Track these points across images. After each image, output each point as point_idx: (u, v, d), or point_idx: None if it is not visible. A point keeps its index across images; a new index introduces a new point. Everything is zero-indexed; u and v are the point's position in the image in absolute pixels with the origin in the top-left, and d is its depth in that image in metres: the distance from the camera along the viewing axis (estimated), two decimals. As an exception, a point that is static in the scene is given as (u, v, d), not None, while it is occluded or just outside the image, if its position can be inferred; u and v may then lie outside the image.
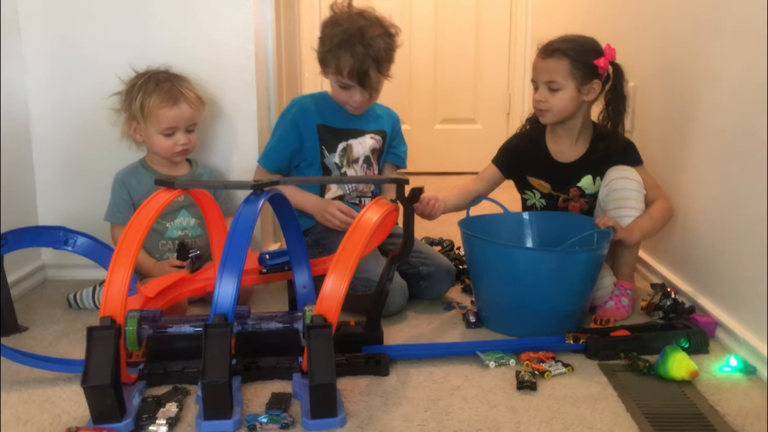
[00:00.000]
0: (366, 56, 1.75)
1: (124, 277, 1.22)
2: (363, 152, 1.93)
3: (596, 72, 1.74)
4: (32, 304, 1.81)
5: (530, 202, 1.90)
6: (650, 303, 1.72)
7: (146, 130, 1.79)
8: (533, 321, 1.59)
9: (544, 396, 1.32)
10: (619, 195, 1.73)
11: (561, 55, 1.73)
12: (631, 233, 1.70)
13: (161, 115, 1.77)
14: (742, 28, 1.50)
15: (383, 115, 2.01)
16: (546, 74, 1.75)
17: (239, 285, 1.25)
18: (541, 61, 1.77)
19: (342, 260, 1.30)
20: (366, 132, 1.94)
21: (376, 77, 1.81)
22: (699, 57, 1.71)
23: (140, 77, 1.81)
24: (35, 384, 1.37)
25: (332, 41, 1.78)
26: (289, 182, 1.72)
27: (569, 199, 1.84)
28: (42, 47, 1.92)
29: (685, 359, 1.37)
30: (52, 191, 2.00)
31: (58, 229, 1.64)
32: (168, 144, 1.80)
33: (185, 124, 1.80)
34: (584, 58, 1.73)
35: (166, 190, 1.37)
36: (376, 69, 1.78)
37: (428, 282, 1.80)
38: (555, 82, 1.74)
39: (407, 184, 1.49)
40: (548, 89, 1.76)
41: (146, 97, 1.76)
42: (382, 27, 1.80)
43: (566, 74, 1.73)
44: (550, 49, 1.75)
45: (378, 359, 1.42)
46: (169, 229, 1.83)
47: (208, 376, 1.16)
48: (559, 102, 1.76)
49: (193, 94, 1.82)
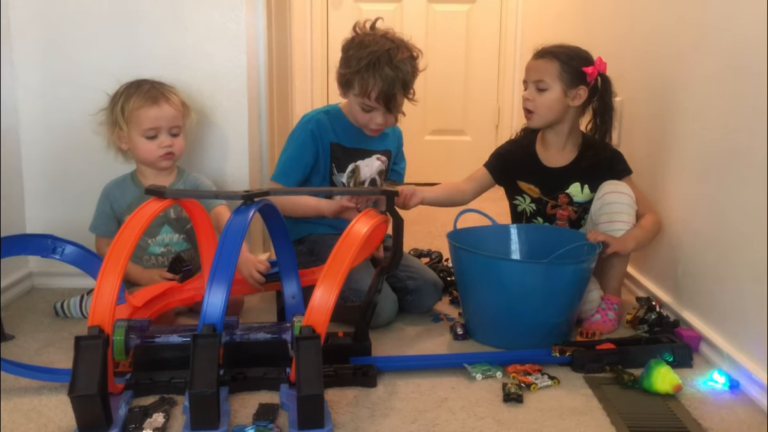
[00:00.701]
0: (395, 79, 1.74)
1: (113, 286, 1.22)
2: (370, 174, 1.93)
3: (584, 79, 1.78)
4: (19, 313, 1.80)
5: (520, 207, 1.92)
6: (635, 317, 1.74)
7: (129, 134, 1.77)
8: (520, 333, 1.60)
9: (531, 408, 1.33)
10: (612, 209, 1.75)
11: (552, 57, 1.79)
12: (625, 243, 1.72)
13: (142, 116, 1.75)
14: (727, 44, 1.53)
15: (390, 133, 2.00)
16: (535, 73, 1.81)
17: (228, 295, 1.25)
18: (532, 61, 1.83)
19: (331, 271, 1.31)
20: (374, 152, 1.94)
21: (401, 99, 1.81)
22: (685, 72, 1.74)
23: (123, 86, 1.80)
24: (21, 393, 1.36)
25: (359, 63, 1.75)
26: (280, 193, 1.72)
27: (558, 205, 1.86)
28: (32, 55, 1.92)
29: (669, 373, 1.38)
30: (40, 199, 1.99)
31: (46, 237, 1.63)
32: (151, 147, 1.77)
33: (167, 124, 1.77)
34: (574, 63, 1.78)
35: (157, 199, 1.37)
36: (402, 92, 1.79)
37: (415, 296, 1.81)
38: (543, 81, 1.79)
39: (397, 197, 1.50)
40: (536, 89, 1.81)
41: (127, 100, 1.75)
42: (408, 50, 1.80)
43: (555, 76, 1.78)
44: (543, 51, 1.82)
45: (366, 370, 1.43)
46: (151, 245, 1.82)
47: (196, 386, 1.16)
48: (544, 102, 1.80)
49: (176, 97, 1.80)
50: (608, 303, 1.75)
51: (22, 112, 1.94)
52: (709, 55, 1.61)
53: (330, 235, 1.86)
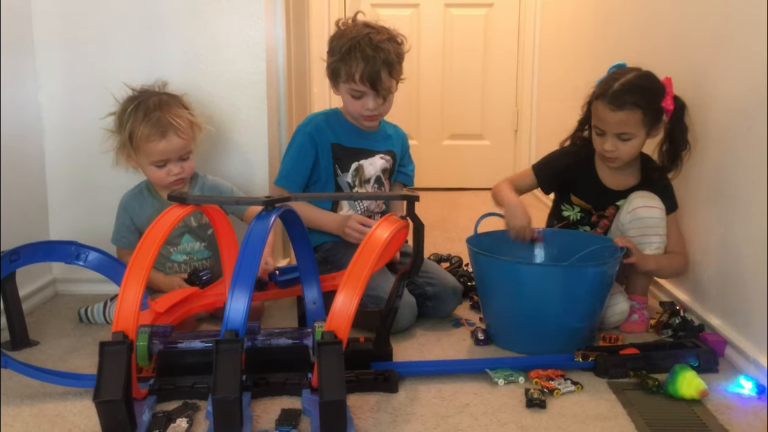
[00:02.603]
0: (376, 58, 1.78)
1: (137, 292, 1.23)
2: (374, 172, 1.94)
3: (662, 112, 1.73)
4: (43, 319, 1.82)
5: (566, 213, 1.91)
6: (659, 321, 1.72)
7: (138, 159, 1.76)
8: (541, 338, 1.59)
9: (554, 414, 1.32)
10: (645, 223, 1.73)
11: (633, 107, 1.69)
12: (645, 260, 1.71)
13: (149, 149, 1.72)
14: (749, 48, 1.51)
15: (393, 135, 2.02)
16: (618, 126, 1.72)
17: (250, 301, 1.26)
18: (611, 114, 1.71)
19: (353, 277, 1.31)
20: (376, 152, 1.96)
21: (387, 80, 1.82)
22: (707, 76, 1.72)
23: (131, 101, 1.75)
24: (46, 398, 1.38)
25: (341, 50, 1.81)
26: (300, 198, 1.73)
27: (604, 216, 1.85)
28: (55, 63, 1.94)
29: (694, 378, 1.37)
30: (63, 206, 2.01)
31: (70, 243, 1.66)
32: (161, 174, 1.76)
33: (176, 155, 1.75)
34: (655, 104, 1.71)
35: (179, 206, 1.38)
36: (387, 72, 1.81)
37: (434, 302, 1.80)
38: (627, 133, 1.72)
39: (417, 201, 1.50)
40: (619, 139, 1.74)
41: (135, 126, 1.71)
42: (389, 33, 1.85)
43: (638, 124, 1.71)
44: (620, 102, 1.69)
45: (387, 376, 1.42)
46: (173, 253, 1.83)
47: (219, 392, 1.16)
48: (630, 150, 1.75)
49: (184, 122, 1.74)
50: (640, 303, 1.75)
51: (46, 120, 1.97)
52: (732, 58, 1.59)
53: (343, 243, 1.87)
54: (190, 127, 1.77)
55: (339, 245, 1.87)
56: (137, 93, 1.78)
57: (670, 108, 1.72)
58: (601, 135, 1.77)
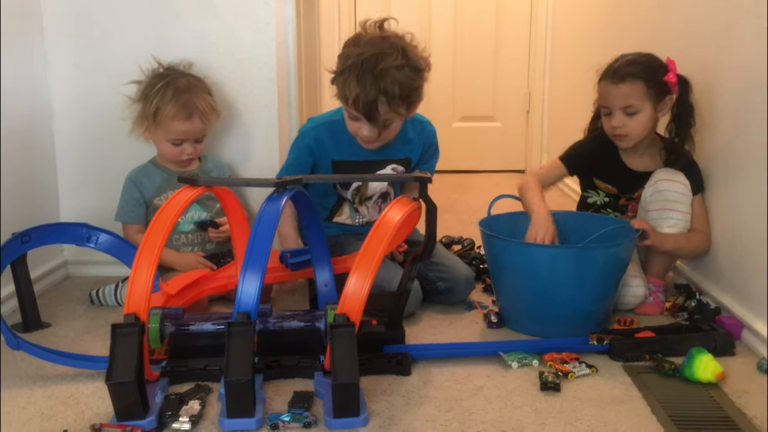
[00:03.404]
0: (373, 87, 1.57)
1: (148, 274, 1.22)
2: (379, 189, 1.85)
3: (667, 88, 1.72)
4: (54, 301, 1.82)
5: (592, 199, 1.89)
6: (674, 304, 1.70)
7: (156, 133, 1.80)
8: (555, 321, 1.57)
9: (568, 397, 1.31)
10: (665, 197, 1.71)
11: (633, 78, 1.71)
12: (662, 240, 1.69)
13: (172, 127, 1.77)
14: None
15: (415, 138, 1.84)
16: (622, 99, 1.72)
17: (262, 283, 1.25)
18: (613, 87, 1.73)
19: (365, 259, 1.30)
20: (388, 162, 1.81)
21: (386, 113, 1.63)
22: (719, 61, 1.69)
23: (161, 78, 1.79)
24: (58, 380, 1.38)
25: (344, 64, 1.62)
26: (312, 180, 1.71)
27: (632, 199, 1.83)
28: (64, 44, 1.92)
29: (711, 361, 1.35)
30: (74, 188, 2.01)
31: (81, 225, 1.65)
32: (174, 152, 1.81)
33: (194, 137, 1.81)
34: (656, 76, 1.71)
35: (190, 187, 1.37)
36: (386, 103, 1.61)
37: (447, 296, 1.77)
38: (632, 106, 1.72)
39: (430, 182, 1.48)
40: (625, 114, 1.73)
41: (162, 104, 1.75)
42: (406, 58, 1.61)
43: (643, 96, 1.71)
44: (621, 74, 1.72)
45: (400, 359, 1.42)
46: (180, 224, 1.84)
47: (232, 374, 1.16)
48: (638, 125, 1.74)
49: (208, 107, 1.80)
50: (656, 286, 1.73)
51: (55, 102, 1.95)
52: (743, 43, 1.56)
53: (344, 236, 1.84)
54: (212, 112, 1.82)
55: (340, 238, 1.83)
56: (165, 71, 1.82)
57: (674, 80, 1.71)
58: (608, 114, 1.77)
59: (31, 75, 1.87)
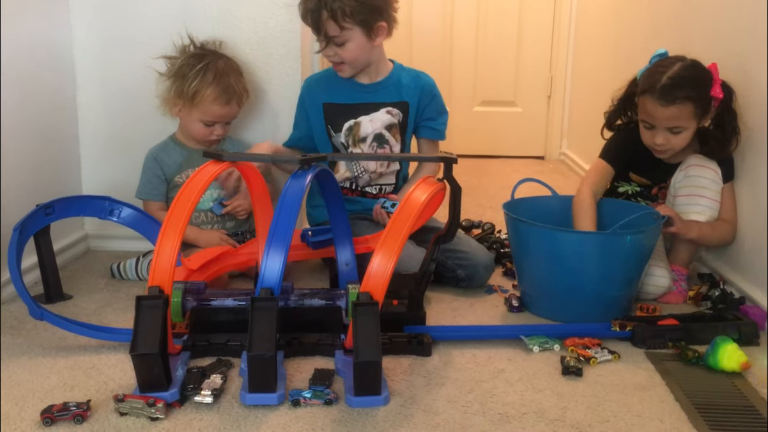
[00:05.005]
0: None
1: (173, 247, 1.23)
2: (372, 130, 1.83)
3: (712, 100, 1.67)
4: (76, 274, 1.83)
5: (623, 189, 1.87)
6: (698, 293, 1.68)
7: (189, 113, 1.79)
8: (577, 306, 1.56)
9: (590, 382, 1.30)
10: (694, 182, 1.69)
11: (684, 101, 1.64)
12: (688, 228, 1.67)
13: (210, 110, 1.77)
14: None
15: (408, 83, 1.86)
16: (669, 121, 1.67)
17: (286, 260, 1.24)
18: (661, 109, 1.65)
19: (390, 239, 1.29)
20: (381, 105, 1.84)
21: (332, 28, 1.69)
22: (749, 44, 1.65)
23: (198, 59, 1.77)
24: (80, 351, 1.39)
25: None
26: (337, 158, 1.70)
27: (664, 188, 1.81)
28: (89, 17, 1.92)
29: (736, 350, 1.34)
30: (96, 161, 2.01)
31: (104, 199, 1.66)
32: (205, 132, 1.81)
33: (227, 119, 1.82)
34: (704, 93, 1.65)
35: (215, 162, 1.36)
36: (329, 15, 1.67)
37: (467, 282, 1.75)
38: (678, 126, 1.67)
39: (455, 163, 1.46)
40: (670, 132, 1.69)
41: (203, 86, 1.74)
42: None
43: (690, 117, 1.66)
44: (669, 96, 1.63)
45: (421, 339, 1.41)
46: (201, 201, 1.83)
47: (255, 349, 1.16)
48: (682, 141, 1.70)
49: (244, 89, 1.81)
50: (680, 274, 1.71)
51: (79, 74, 1.95)
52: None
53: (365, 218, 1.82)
54: (246, 96, 1.83)
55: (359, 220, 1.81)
56: (201, 51, 1.81)
57: (720, 96, 1.65)
58: (650, 129, 1.72)
59: (55, 48, 1.87)
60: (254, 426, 1.14)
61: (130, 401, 1.14)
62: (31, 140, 1.75)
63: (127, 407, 1.14)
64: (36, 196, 1.65)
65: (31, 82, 1.75)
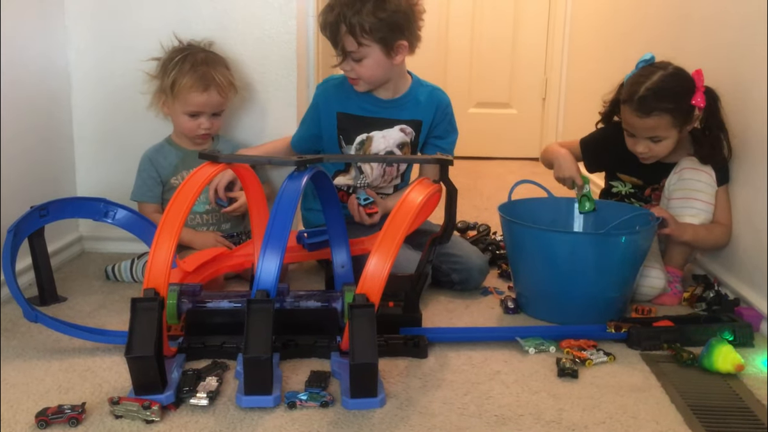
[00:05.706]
0: (332, 10, 1.64)
1: (169, 249, 1.22)
2: (385, 146, 1.80)
3: (694, 108, 1.67)
4: (70, 276, 1.82)
5: (616, 190, 1.87)
6: (693, 294, 1.69)
7: (173, 106, 1.80)
8: (573, 308, 1.56)
9: (586, 384, 1.30)
10: (689, 185, 1.70)
11: (661, 112, 1.64)
12: (682, 230, 1.67)
13: (189, 98, 1.77)
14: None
15: (425, 101, 1.84)
16: (647, 132, 1.68)
17: (282, 262, 1.24)
18: (638, 120, 1.66)
19: (386, 241, 1.29)
20: (396, 122, 1.81)
21: (350, 44, 1.66)
22: (744, 44, 1.66)
23: (179, 52, 1.80)
24: (75, 354, 1.38)
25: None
26: (333, 159, 1.70)
27: (657, 189, 1.82)
28: (84, 18, 1.91)
29: (731, 352, 1.34)
30: (90, 162, 2.00)
31: (99, 200, 1.65)
32: (191, 125, 1.81)
33: (211, 110, 1.80)
34: (683, 104, 1.65)
35: (210, 164, 1.36)
36: (347, 31, 1.63)
37: (461, 285, 1.75)
38: (657, 136, 1.68)
39: (451, 165, 1.47)
40: (651, 141, 1.70)
41: (180, 76, 1.75)
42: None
43: (668, 126, 1.66)
44: (647, 108, 1.64)
45: (417, 341, 1.41)
46: (195, 204, 1.82)
47: (251, 351, 1.15)
48: (664, 149, 1.71)
49: (226, 81, 1.79)
50: (674, 276, 1.71)
51: (74, 76, 1.95)
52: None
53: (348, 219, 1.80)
54: (230, 87, 1.81)
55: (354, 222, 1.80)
56: (185, 46, 1.82)
57: (701, 105, 1.66)
58: (632, 136, 1.73)
59: (50, 49, 1.87)
60: (250, 428, 1.13)
61: (125, 404, 1.14)
62: (25, 142, 1.74)
63: (122, 410, 1.14)
64: (30, 198, 1.64)
65: (26, 83, 1.74)
